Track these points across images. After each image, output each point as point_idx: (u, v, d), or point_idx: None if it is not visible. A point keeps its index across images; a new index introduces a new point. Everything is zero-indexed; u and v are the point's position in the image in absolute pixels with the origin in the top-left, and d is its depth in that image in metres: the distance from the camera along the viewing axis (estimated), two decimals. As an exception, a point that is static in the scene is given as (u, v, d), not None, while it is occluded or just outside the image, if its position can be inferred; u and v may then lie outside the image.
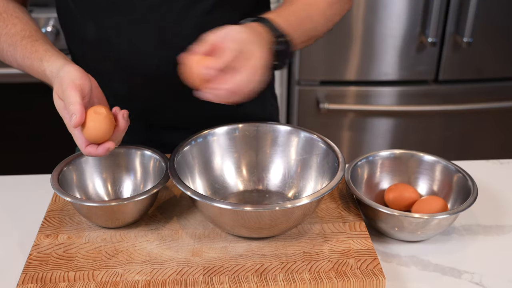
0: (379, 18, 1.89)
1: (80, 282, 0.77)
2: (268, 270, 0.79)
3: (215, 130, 0.96)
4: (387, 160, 0.98)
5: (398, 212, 0.85)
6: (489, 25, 1.92)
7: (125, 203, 0.83)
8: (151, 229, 0.87)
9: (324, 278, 0.77)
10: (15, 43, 0.93)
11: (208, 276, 0.78)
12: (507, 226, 0.95)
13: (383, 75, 1.98)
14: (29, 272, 0.79)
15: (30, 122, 1.94)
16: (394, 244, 0.90)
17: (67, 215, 0.90)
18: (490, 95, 2.03)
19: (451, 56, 1.95)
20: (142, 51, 0.98)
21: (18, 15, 0.97)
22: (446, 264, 0.86)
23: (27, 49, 0.92)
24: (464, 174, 0.92)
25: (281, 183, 0.96)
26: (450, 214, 0.85)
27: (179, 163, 0.88)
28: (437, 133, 2.10)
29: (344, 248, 0.83)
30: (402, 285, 0.82)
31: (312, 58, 1.93)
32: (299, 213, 0.81)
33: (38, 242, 0.85)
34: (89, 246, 0.84)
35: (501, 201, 1.01)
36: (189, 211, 0.91)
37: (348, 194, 0.95)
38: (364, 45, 1.92)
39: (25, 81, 1.78)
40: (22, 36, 0.93)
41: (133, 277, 0.78)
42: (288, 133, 0.96)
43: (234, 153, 0.97)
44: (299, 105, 2.02)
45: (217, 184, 0.95)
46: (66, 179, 0.90)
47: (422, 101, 2.02)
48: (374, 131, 2.07)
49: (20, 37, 0.93)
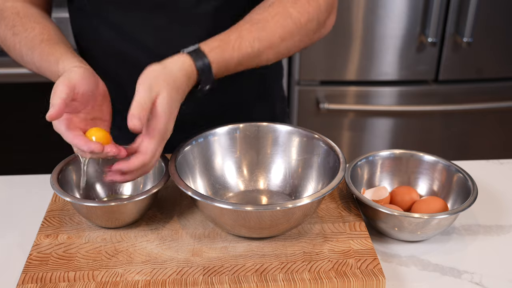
0: (379, 18, 1.89)
1: (80, 282, 0.77)
2: (268, 270, 0.79)
3: (216, 130, 0.96)
4: (387, 160, 0.98)
5: (398, 212, 0.85)
6: (489, 25, 1.92)
7: (125, 203, 0.83)
8: (151, 229, 0.87)
9: (324, 278, 0.77)
10: (34, 46, 0.92)
11: (208, 276, 0.78)
12: (507, 226, 0.95)
13: (383, 75, 1.98)
14: (29, 272, 0.79)
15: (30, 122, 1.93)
16: (394, 244, 0.90)
17: (67, 215, 0.90)
18: (490, 95, 2.03)
19: (451, 56, 1.95)
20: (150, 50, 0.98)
21: (38, 20, 0.96)
22: (446, 264, 0.86)
23: (44, 52, 0.91)
24: (464, 174, 0.92)
25: (281, 183, 0.96)
26: (450, 214, 0.85)
27: (180, 163, 0.88)
28: (437, 133, 2.10)
29: (344, 248, 0.83)
30: (402, 285, 0.82)
31: (312, 58, 1.93)
32: (300, 213, 0.81)
33: (38, 242, 0.85)
34: (89, 246, 0.84)
35: (501, 201, 1.01)
36: (189, 211, 0.91)
37: (348, 194, 0.95)
38: (364, 45, 1.92)
39: (25, 81, 1.79)
40: (40, 39, 0.93)
41: (133, 277, 0.78)
42: (288, 133, 0.96)
43: (235, 153, 0.97)
44: (299, 105, 2.02)
45: (218, 184, 0.95)
46: (66, 179, 0.90)
47: (422, 101, 2.02)
48: (374, 131, 2.07)
49: (39, 40, 0.92)
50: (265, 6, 0.93)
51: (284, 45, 0.92)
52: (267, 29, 0.90)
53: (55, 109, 0.77)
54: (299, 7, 0.92)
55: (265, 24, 0.90)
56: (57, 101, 0.78)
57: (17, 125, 1.97)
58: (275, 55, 0.92)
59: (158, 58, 1.00)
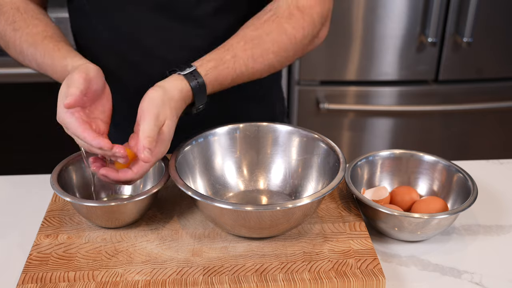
0: (379, 18, 1.89)
1: (80, 282, 0.77)
2: (268, 270, 0.79)
3: (216, 130, 0.96)
4: (387, 160, 0.98)
5: (398, 212, 0.85)
6: (489, 25, 1.92)
7: (125, 203, 0.83)
8: (151, 229, 0.87)
9: (324, 278, 0.77)
10: (36, 42, 0.92)
11: (208, 276, 0.78)
12: (507, 226, 0.95)
13: (383, 75, 1.98)
14: (29, 272, 0.79)
15: (31, 122, 1.94)
16: (394, 244, 0.90)
17: (67, 215, 0.91)
18: (490, 95, 2.03)
19: (451, 56, 1.95)
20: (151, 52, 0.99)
21: (39, 17, 0.97)
22: (446, 264, 0.86)
23: (49, 47, 0.91)
24: (464, 174, 0.92)
25: (281, 183, 0.96)
26: (450, 214, 0.85)
27: (180, 163, 0.88)
28: (437, 133, 2.10)
29: (344, 248, 0.83)
30: (402, 285, 0.82)
31: (312, 58, 1.93)
32: (300, 213, 0.81)
33: (38, 242, 0.85)
34: (89, 246, 0.84)
35: (501, 201, 1.01)
36: (189, 211, 0.91)
37: (348, 194, 0.95)
38: (364, 45, 1.92)
39: (26, 81, 1.79)
40: (43, 36, 0.93)
41: (133, 277, 0.78)
42: (289, 133, 0.96)
43: (235, 153, 0.97)
44: (299, 105, 2.02)
45: (218, 184, 0.95)
46: (66, 179, 0.90)
47: (422, 101, 2.02)
48: (374, 131, 2.07)
49: (42, 37, 0.93)
50: (261, 21, 0.93)
51: (277, 60, 0.94)
52: (262, 46, 0.91)
53: (74, 98, 0.78)
54: (294, 23, 0.93)
55: (260, 41, 0.91)
56: (76, 91, 0.79)
57: (17, 125, 1.97)
58: (268, 70, 0.95)
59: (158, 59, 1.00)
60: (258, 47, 0.91)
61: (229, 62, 0.89)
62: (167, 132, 0.82)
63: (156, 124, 0.80)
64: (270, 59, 0.92)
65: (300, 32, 0.93)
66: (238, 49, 0.90)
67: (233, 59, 0.90)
